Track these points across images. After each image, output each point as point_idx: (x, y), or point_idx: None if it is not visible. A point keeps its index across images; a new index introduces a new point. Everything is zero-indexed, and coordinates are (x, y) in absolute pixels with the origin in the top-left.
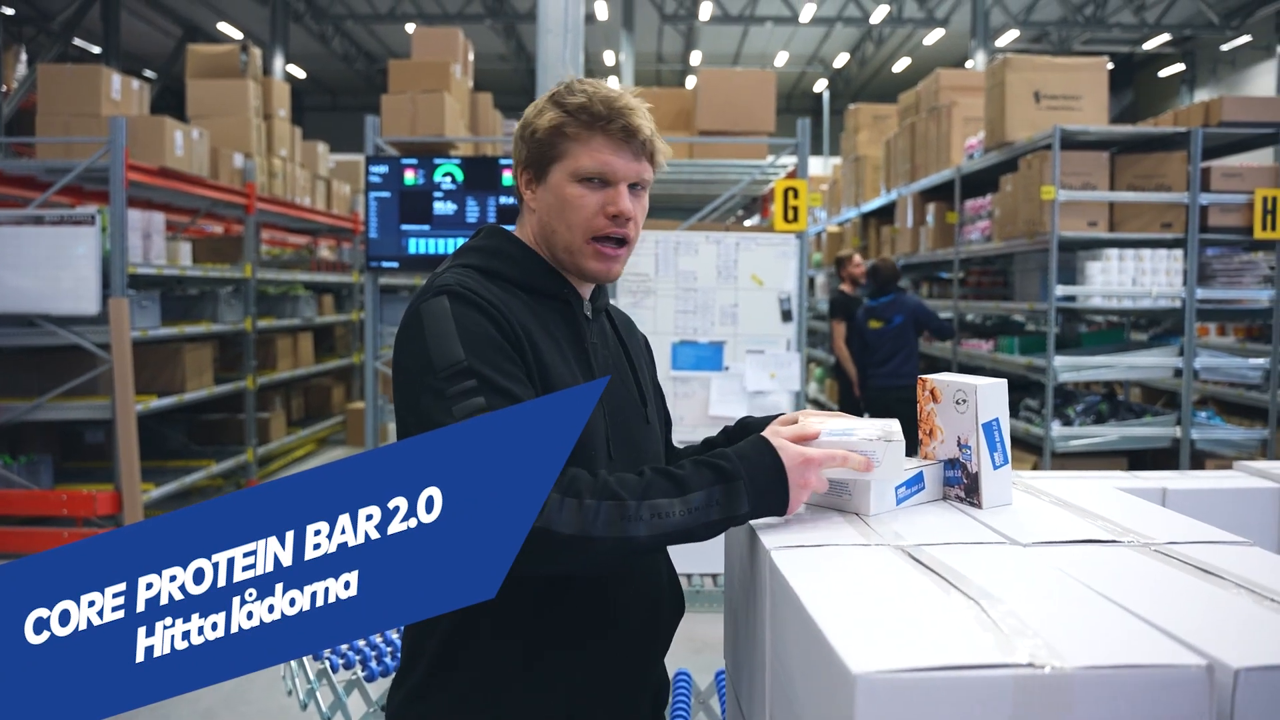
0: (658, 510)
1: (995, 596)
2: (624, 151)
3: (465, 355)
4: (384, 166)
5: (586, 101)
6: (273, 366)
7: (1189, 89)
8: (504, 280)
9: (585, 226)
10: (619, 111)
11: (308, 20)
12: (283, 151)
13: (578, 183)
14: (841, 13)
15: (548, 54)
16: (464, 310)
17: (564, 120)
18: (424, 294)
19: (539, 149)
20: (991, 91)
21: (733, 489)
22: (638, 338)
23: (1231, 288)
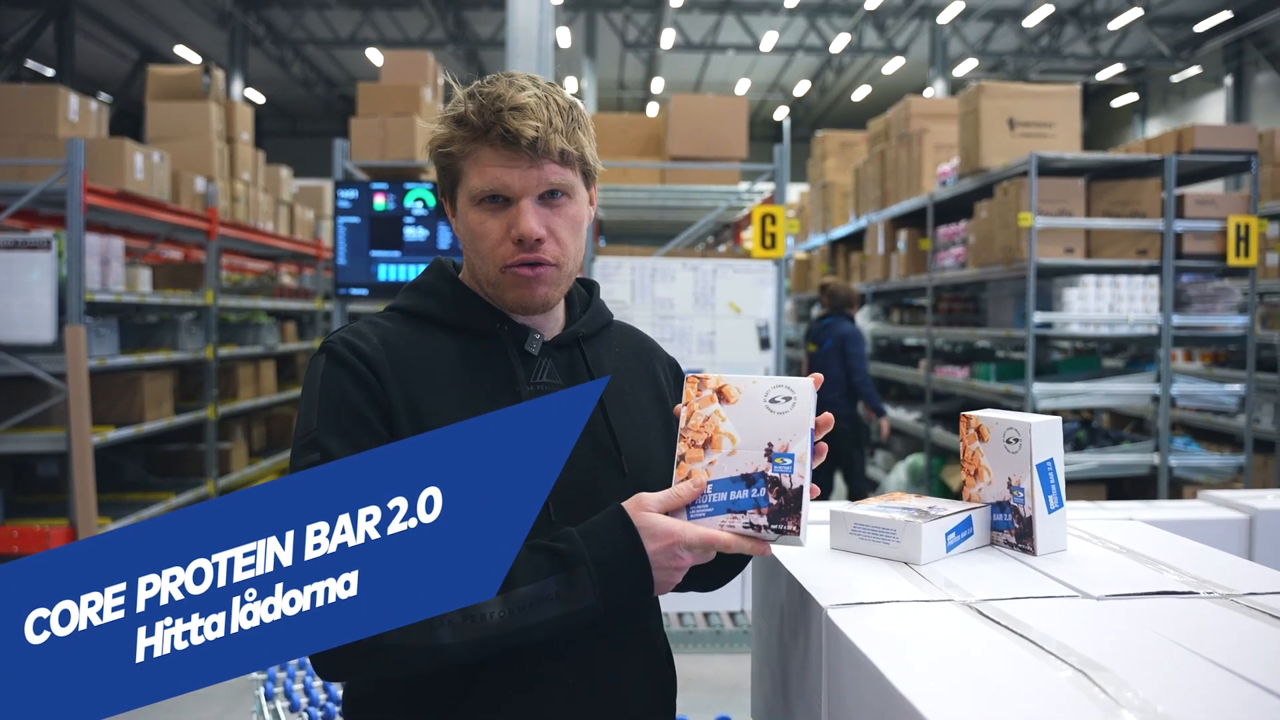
0: (470, 611)
1: (1088, 659)
2: (516, 160)
3: (317, 425)
4: (353, 191)
5: (464, 112)
6: (234, 395)
7: (1141, 119)
8: (432, 322)
9: (494, 256)
10: (497, 117)
11: (267, 44)
12: (245, 175)
13: (477, 206)
14: (802, 41)
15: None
16: (334, 372)
17: (449, 134)
18: (319, 346)
19: (441, 173)
20: (965, 118)
21: (573, 579)
22: (648, 367)
23: (1206, 314)
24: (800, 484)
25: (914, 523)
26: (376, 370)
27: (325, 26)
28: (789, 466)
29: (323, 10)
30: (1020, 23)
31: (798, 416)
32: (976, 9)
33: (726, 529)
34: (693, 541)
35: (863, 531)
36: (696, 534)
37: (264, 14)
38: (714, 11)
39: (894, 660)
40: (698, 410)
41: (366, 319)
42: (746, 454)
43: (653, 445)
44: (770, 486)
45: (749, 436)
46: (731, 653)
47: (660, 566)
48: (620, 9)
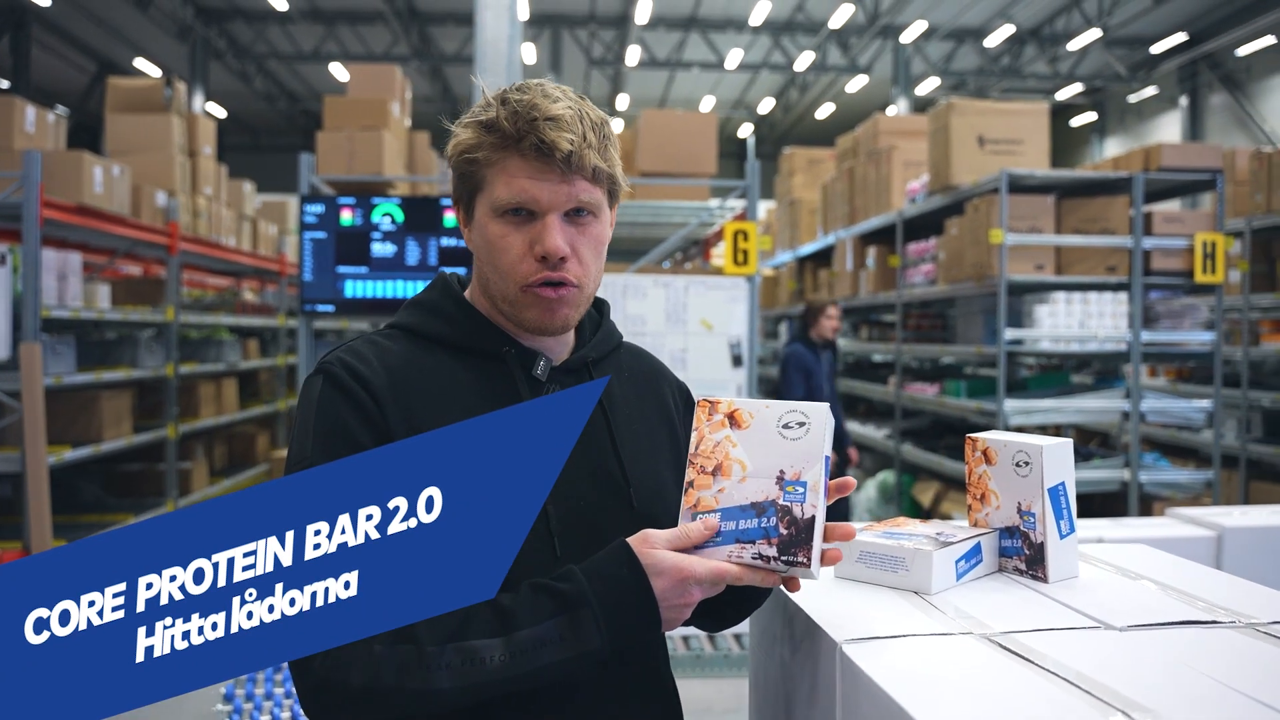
0: (471, 654)
1: (1128, 699)
2: (547, 173)
3: (311, 452)
4: (319, 206)
5: (495, 118)
6: (195, 414)
7: (1100, 138)
8: (435, 341)
9: (514, 273)
10: (532, 126)
11: (229, 58)
12: (208, 190)
13: (499, 218)
14: (767, 59)
15: (486, 95)
16: (331, 396)
17: (475, 141)
18: (315, 367)
19: (460, 180)
20: (936, 135)
21: (577, 620)
22: (657, 394)
23: (1174, 330)
24: (812, 514)
25: (924, 551)
26: (376, 394)
27: (288, 41)
28: (801, 495)
29: (285, 24)
30: (981, 43)
31: (811, 443)
32: (939, 29)
33: (734, 559)
34: (702, 576)
35: (869, 560)
36: (706, 568)
37: (225, 27)
38: (679, 29)
39: (922, 701)
40: (708, 435)
41: (366, 337)
42: (757, 482)
43: (663, 477)
44: (781, 516)
45: (760, 463)
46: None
47: (668, 604)
48: (585, 25)
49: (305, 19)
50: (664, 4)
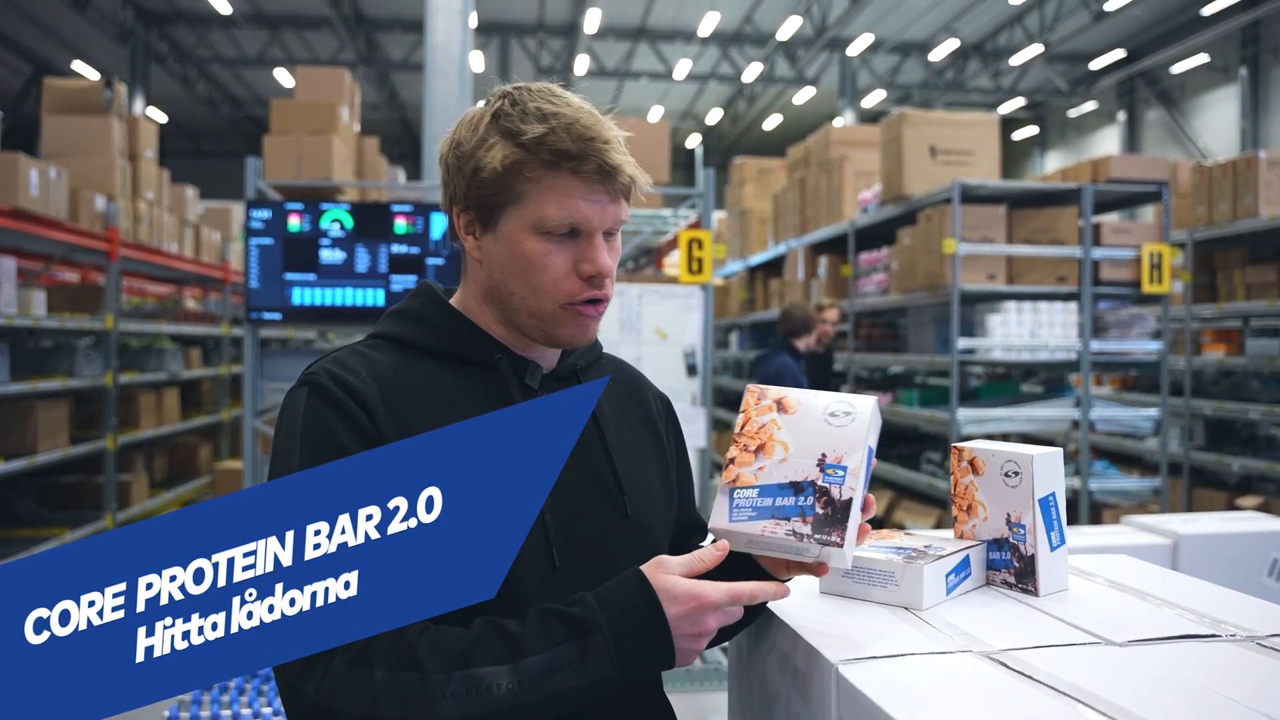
0: (477, 683)
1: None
2: (599, 193)
3: (299, 465)
4: (266, 211)
5: (548, 134)
6: (135, 424)
7: (1041, 151)
8: (423, 351)
9: (555, 291)
10: (593, 147)
11: (170, 62)
12: (149, 195)
13: (539, 236)
14: (715, 70)
15: (435, 97)
16: (318, 408)
17: (520, 158)
18: (299, 379)
19: (484, 190)
20: (888, 146)
21: (589, 648)
22: (642, 404)
23: (1122, 340)
24: (850, 496)
25: (915, 565)
26: (367, 405)
27: (231, 45)
28: (840, 478)
29: (229, 29)
30: (926, 56)
31: (855, 431)
32: (885, 42)
33: (767, 534)
34: (718, 600)
35: (857, 574)
36: (721, 591)
37: (167, 31)
38: (628, 39)
39: None
40: (754, 418)
41: (349, 348)
42: (798, 462)
43: (653, 484)
44: (819, 496)
45: (803, 445)
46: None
47: (682, 633)
48: (534, 34)
49: (249, 23)
50: (613, 13)
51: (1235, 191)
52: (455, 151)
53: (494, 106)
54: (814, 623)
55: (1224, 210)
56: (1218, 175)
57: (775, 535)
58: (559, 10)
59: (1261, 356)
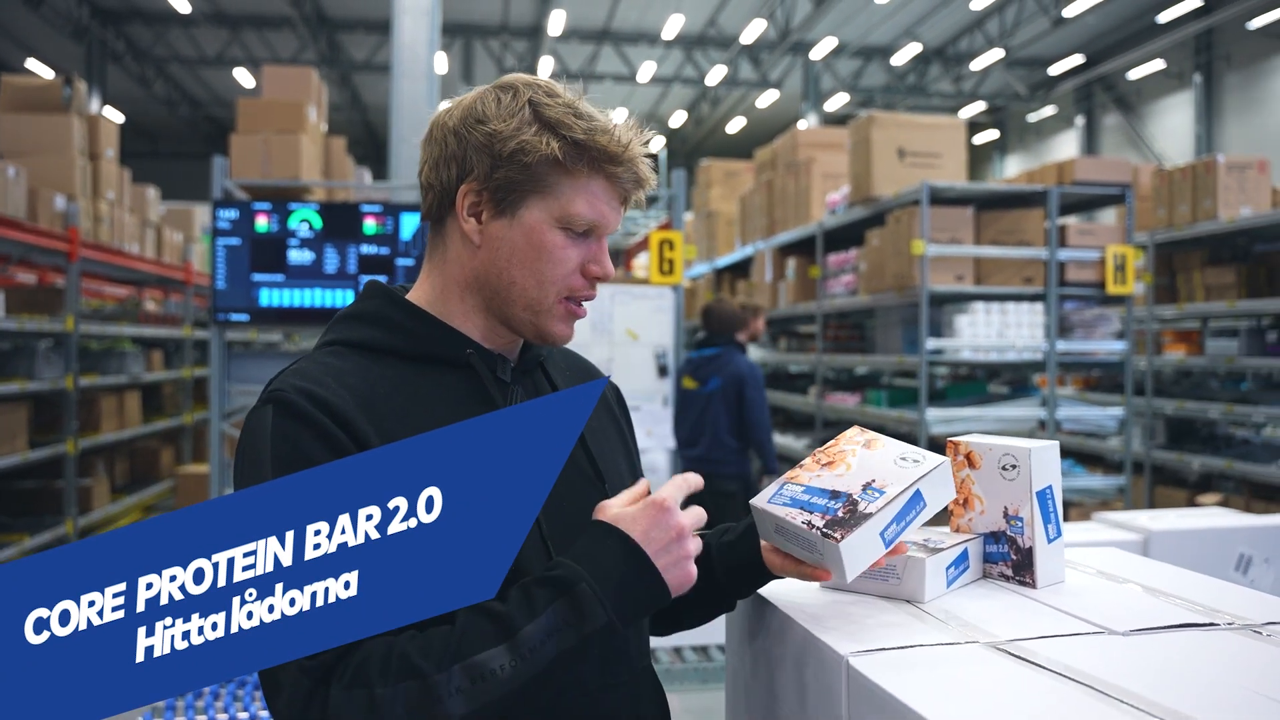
0: (478, 671)
1: (1165, 706)
2: (615, 200)
3: None
4: (233, 211)
5: (599, 135)
6: (96, 428)
7: (1001, 155)
8: (387, 353)
9: (561, 284)
10: (632, 159)
11: (127, 61)
12: (110, 194)
13: (561, 230)
14: (679, 73)
15: (402, 98)
16: (285, 427)
17: (562, 150)
18: (261, 397)
19: (514, 172)
20: (856, 148)
21: (578, 599)
22: None
23: (1087, 340)
24: (873, 512)
25: (917, 558)
26: (342, 417)
27: (190, 44)
28: (874, 498)
29: (188, 28)
30: (889, 60)
31: (910, 473)
32: (848, 46)
33: (789, 519)
34: (668, 494)
35: None
36: (667, 489)
37: (124, 29)
38: (592, 41)
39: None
40: (841, 444)
41: (309, 358)
42: (849, 479)
43: (623, 471)
44: (848, 504)
45: (861, 470)
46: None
47: (658, 546)
48: (498, 36)
49: (209, 22)
50: (577, 16)
51: (1195, 195)
52: (481, 129)
53: (526, 95)
54: (818, 616)
55: (1184, 213)
56: (1178, 179)
57: (793, 522)
58: (523, 12)
59: (1220, 357)
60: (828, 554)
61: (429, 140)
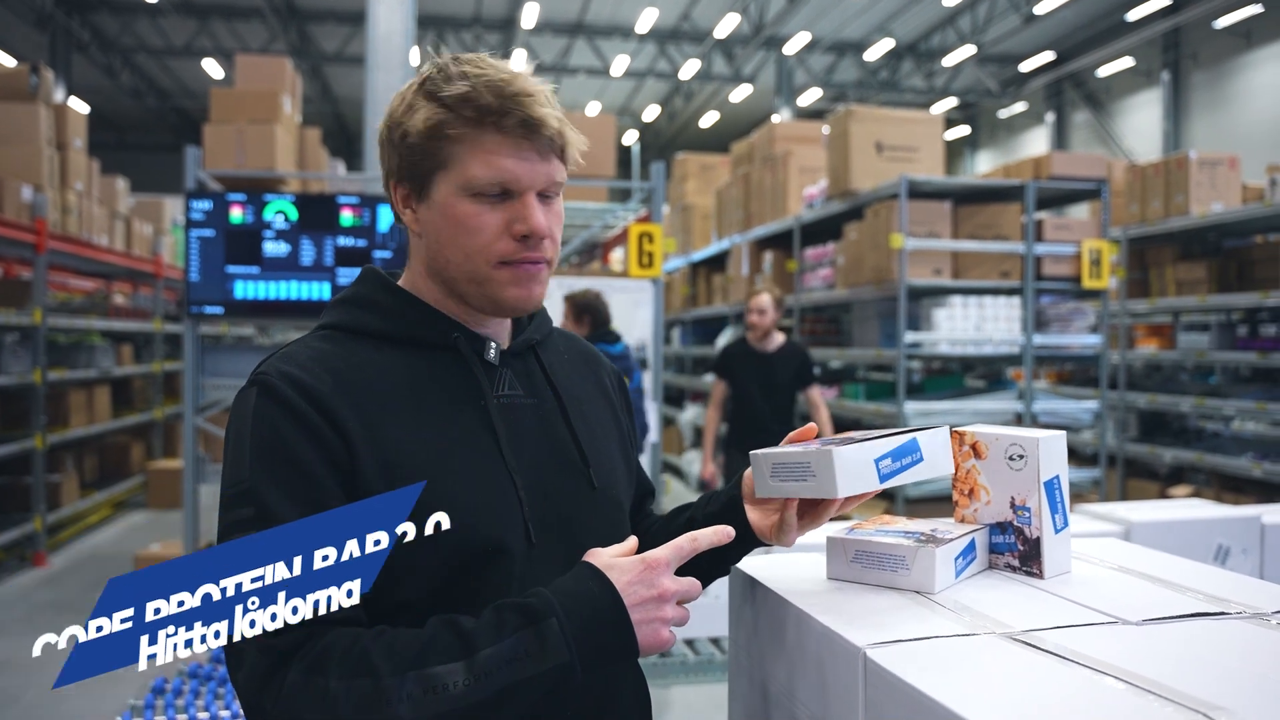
0: (431, 683)
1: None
2: (527, 151)
3: (249, 474)
4: (207, 202)
5: (469, 91)
6: (65, 423)
7: (972, 151)
8: (376, 337)
9: (487, 253)
10: (515, 101)
11: (93, 50)
12: (78, 185)
13: (470, 198)
14: (652, 67)
15: (377, 90)
16: (268, 410)
17: (443, 117)
18: (249, 379)
19: (413, 157)
20: (834, 141)
21: (544, 633)
22: (597, 374)
23: (1062, 334)
24: (865, 439)
25: (927, 549)
26: (322, 402)
27: (157, 34)
28: (872, 435)
29: (155, 17)
30: (861, 56)
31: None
32: (821, 41)
33: (786, 452)
34: (665, 557)
35: (865, 559)
36: (665, 549)
37: (89, 18)
38: (565, 34)
39: (982, 708)
40: None
41: (299, 342)
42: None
43: (614, 455)
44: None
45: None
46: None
47: (638, 601)
48: (471, 28)
49: (176, 12)
50: (550, 8)
51: (1167, 190)
52: (386, 124)
53: (423, 75)
54: (829, 608)
55: (1156, 208)
56: (1150, 175)
57: (792, 451)
58: (496, 4)
59: (1192, 351)
60: (822, 468)
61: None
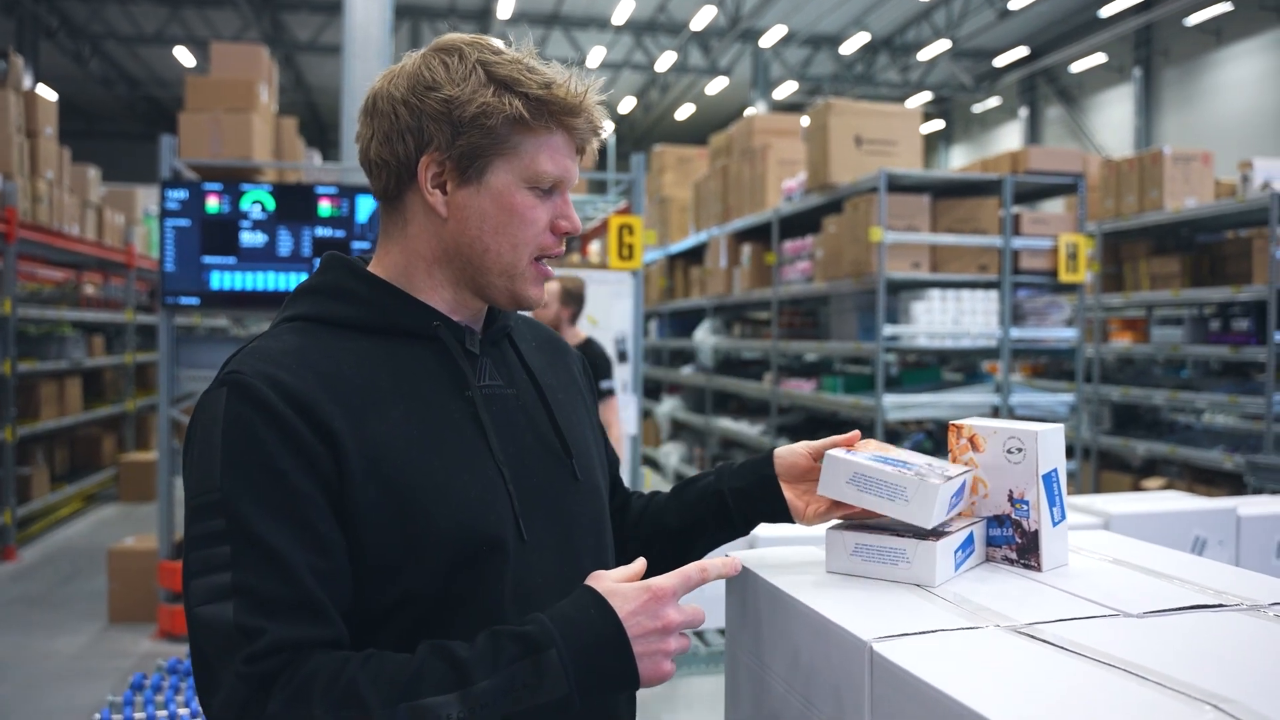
0: (423, 715)
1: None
2: (574, 153)
3: (220, 482)
4: (183, 191)
5: (555, 90)
6: (35, 415)
7: (946, 145)
8: (351, 328)
9: (535, 245)
10: (587, 109)
11: (61, 37)
12: (49, 174)
13: (529, 190)
14: (629, 59)
15: (354, 80)
16: (242, 413)
17: (524, 108)
18: (216, 378)
19: (475, 136)
20: (814, 135)
21: (543, 665)
22: (565, 359)
23: (1039, 327)
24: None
25: (927, 542)
26: (309, 408)
27: (127, 21)
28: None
29: (125, 4)
30: (837, 49)
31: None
32: (797, 34)
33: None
34: (672, 586)
35: (866, 553)
36: (672, 578)
37: (57, 4)
38: (541, 25)
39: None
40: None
41: (270, 335)
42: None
43: (590, 444)
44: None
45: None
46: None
47: (642, 632)
48: (446, 18)
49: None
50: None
51: (1141, 185)
52: (435, 96)
53: (473, 56)
54: (830, 602)
55: (1131, 203)
56: (1125, 170)
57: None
58: None
59: (1165, 344)
60: (920, 497)
61: (374, 114)
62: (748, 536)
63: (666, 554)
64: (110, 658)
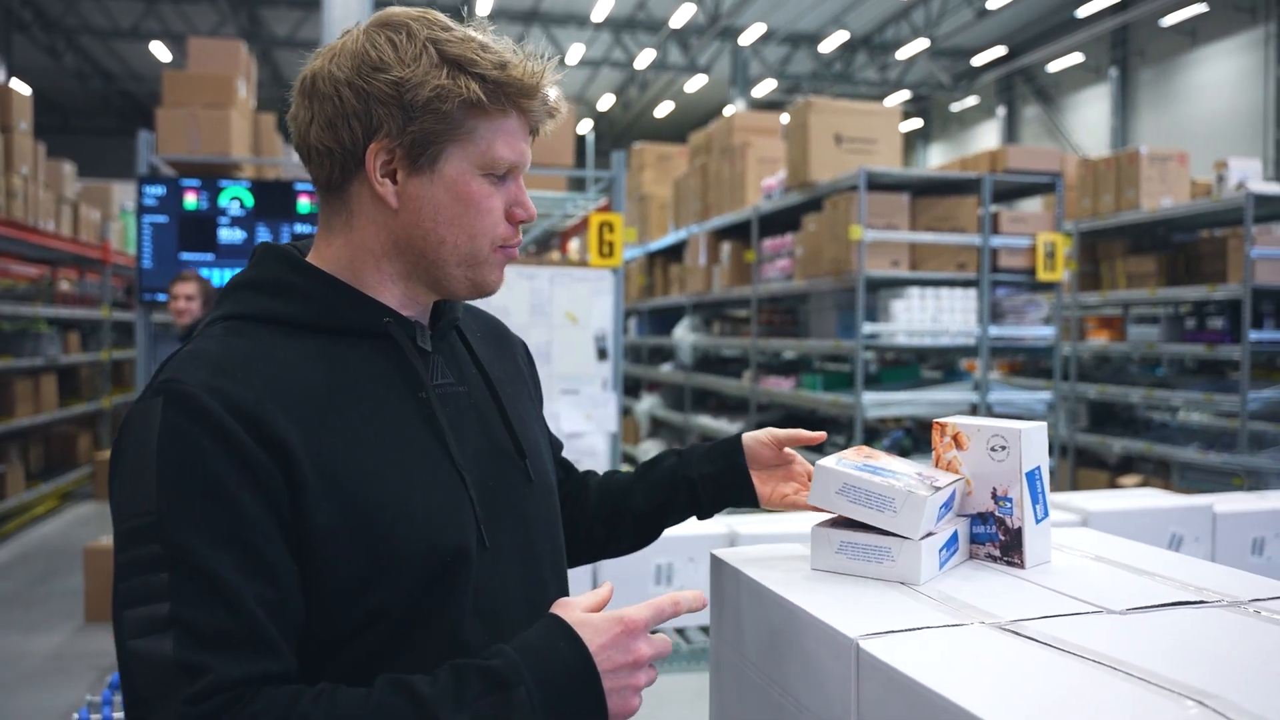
0: None
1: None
2: (527, 136)
3: (157, 504)
4: (160, 187)
5: (510, 71)
6: (10, 413)
7: (924, 144)
8: (296, 326)
9: (491, 235)
10: (543, 90)
11: (35, 31)
12: (24, 169)
13: (483, 177)
14: (608, 56)
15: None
16: (178, 424)
17: (480, 90)
18: (149, 387)
19: (429, 122)
20: (794, 133)
21: (509, 702)
22: (511, 350)
23: (1017, 325)
24: (940, 485)
25: (912, 540)
26: (256, 419)
27: (103, 15)
28: (933, 479)
29: None
30: (816, 48)
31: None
32: (776, 32)
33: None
34: (644, 617)
35: (851, 551)
36: (644, 609)
37: None
38: (520, 22)
39: (980, 698)
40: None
41: (205, 337)
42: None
43: (540, 440)
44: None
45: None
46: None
47: (613, 667)
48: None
49: None
50: None
51: (1118, 185)
52: (383, 78)
53: (422, 34)
54: (816, 599)
55: (1108, 202)
56: (1102, 169)
57: (872, 480)
58: None
59: (1141, 342)
60: (907, 510)
61: (313, 96)
62: (728, 534)
63: (629, 533)
64: (87, 657)
